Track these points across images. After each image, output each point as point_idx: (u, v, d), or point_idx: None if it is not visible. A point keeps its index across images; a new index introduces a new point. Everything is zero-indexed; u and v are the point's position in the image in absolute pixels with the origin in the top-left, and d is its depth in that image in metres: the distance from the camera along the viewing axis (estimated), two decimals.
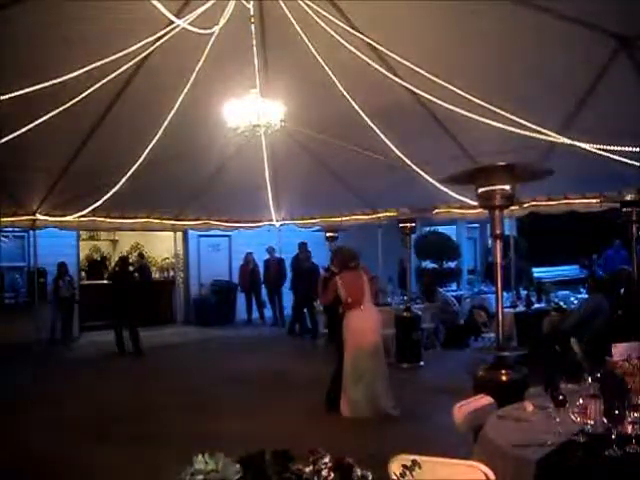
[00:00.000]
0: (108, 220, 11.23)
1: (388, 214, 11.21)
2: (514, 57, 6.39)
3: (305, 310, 12.70)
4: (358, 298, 6.71)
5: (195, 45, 6.21)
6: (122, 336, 10.92)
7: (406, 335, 9.48)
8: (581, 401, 2.66)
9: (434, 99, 6.42)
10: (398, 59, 6.14)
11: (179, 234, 14.26)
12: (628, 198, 8.16)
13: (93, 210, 10.28)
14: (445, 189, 8.99)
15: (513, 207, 7.84)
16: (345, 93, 6.91)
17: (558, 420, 2.73)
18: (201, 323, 14.89)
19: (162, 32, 5.85)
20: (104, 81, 6.30)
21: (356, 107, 7.17)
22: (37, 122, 6.74)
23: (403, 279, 13.89)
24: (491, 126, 6.26)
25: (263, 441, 1.95)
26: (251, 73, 6.35)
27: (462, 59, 6.50)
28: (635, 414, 2.48)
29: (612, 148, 6.46)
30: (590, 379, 2.72)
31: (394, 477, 2.33)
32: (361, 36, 6.07)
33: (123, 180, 8.88)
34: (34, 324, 11.09)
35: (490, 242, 13.92)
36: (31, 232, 11.10)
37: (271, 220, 12.79)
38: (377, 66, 6.27)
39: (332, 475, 1.77)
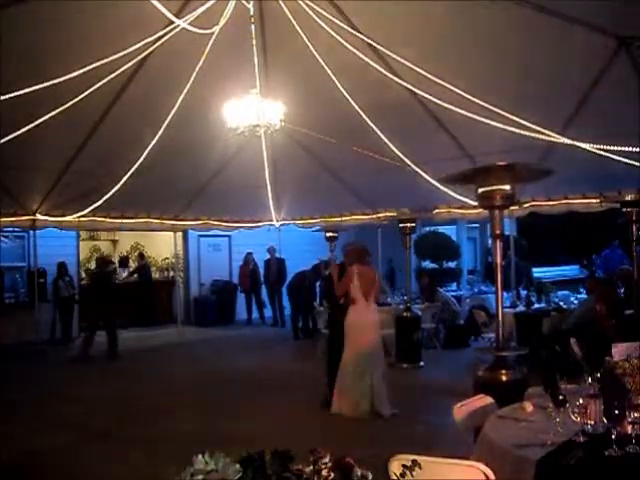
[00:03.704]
0: (108, 220, 11.22)
1: (388, 214, 11.19)
2: (514, 57, 6.38)
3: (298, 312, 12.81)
4: (367, 292, 6.78)
5: (195, 45, 6.20)
6: (116, 337, 10.83)
7: (406, 335, 9.48)
8: (581, 401, 2.66)
9: (434, 99, 6.41)
10: (398, 59, 6.13)
11: (179, 234, 14.25)
12: (628, 198, 8.16)
13: (93, 210, 10.27)
14: (445, 189, 8.98)
15: (513, 207, 7.84)
16: (345, 93, 6.91)
17: (558, 420, 2.74)
18: (201, 323, 14.90)
19: (162, 32, 5.84)
20: (104, 81, 6.29)
21: (356, 107, 7.16)
22: (37, 122, 6.73)
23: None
24: (491, 126, 6.26)
25: (263, 441, 1.95)
26: (251, 73, 6.35)
27: (462, 59, 6.50)
28: (635, 414, 2.48)
29: (612, 148, 6.46)
30: (590, 379, 2.73)
31: (394, 477, 2.33)
32: (361, 36, 6.07)
33: (123, 180, 8.88)
34: (34, 324, 11.09)
35: (490, 242, 13.91)
36: (31, 232, 11.10)
37: (271, 220, 12.78)
38: (377, 66, 6.26)
39: (332, 475, 1.77)
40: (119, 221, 11.51)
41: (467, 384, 5.16)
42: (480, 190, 4.99)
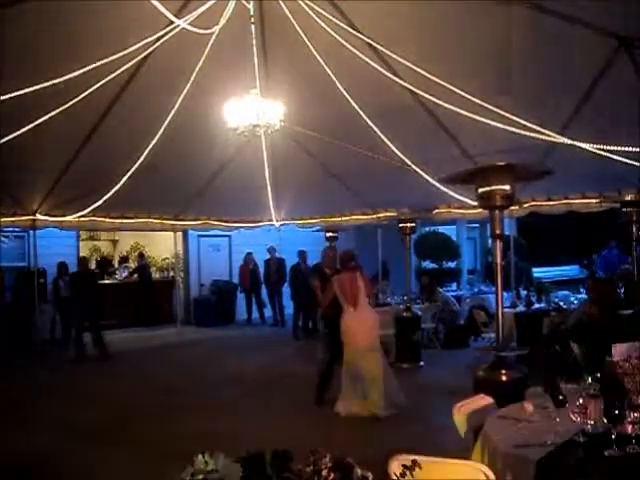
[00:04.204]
0: (108, 220, 11.22)
1: (388, 214, 11.20)
2: (514, 57, 6.38)
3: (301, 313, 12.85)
4: (353, 298, 6.77)
5: (195, 45, 6.21)
6: (102, 337, 10.76)
7: (406, 335, 9.48)
8: (581, 401, 2.66)
9: (434, 99, 6.41)
10: (398, 59, 6.13)
11: (179, 234, 14.27)
12: (628, 198, 8.17)
13: (93, 210, 10.28)
14: (445, 189, 8.99)
15: (513, 207, 7.85)
16: (345, 93, 6.91)
17: (558, 420, 2.74)
18: (201, 323, 14.89)
19: (162, 32, 5.84)
20: (104, 81, 6.29)
21: (356, 107, 7.16)
22: (37, 122, 6.73)
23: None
24: (491, 126, 6.25)
25: (263, 441, 1.95)
26: (251, 73, 6.35)
27: (462, 59, 6.49)
28: (635, 414, 2.48)
29: (612, 148, 6.46)
30: (590, 379, 2.73)
31: (394, 477, 2.33)
32: (361, 36, 6.07)
33: (123, 180, 8.88)
34: (34, 324, 11.08)
35: (490, 242, 13.90)
36: (31, 232, 11.09)
37: (271, 220, 12.78)
38: (377, 66, 6.26)
39: (332, 475, 1.77)
40: (119, 221, 11.51)
41: (467, 384, 5.17)
42: (480, 190, 5.00)
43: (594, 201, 9.21)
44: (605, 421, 2.60)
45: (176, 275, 15.13)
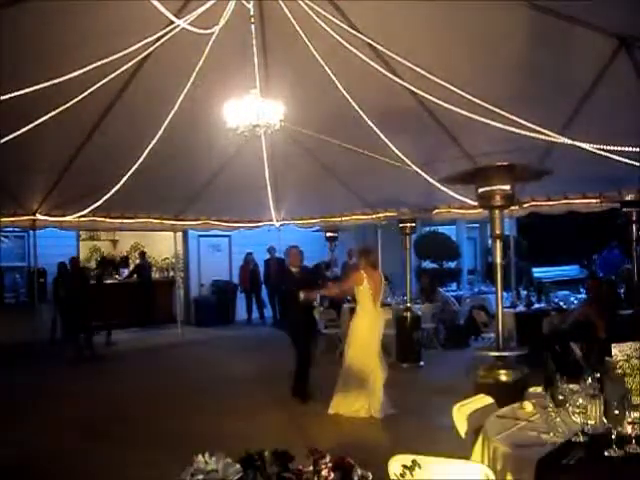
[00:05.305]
0: (108, 220, 11.22)
1: (388, 214, 11.20)
2: (514, 57, 6.38)
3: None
4: (376, 296, 6.91)
5: (195, 45, 6.20)
6: (91, 338, 10.78)
7: (406, 335, 9.49)
8: (581, 401, 2.66)
9: (434, 99, 6.41)
10: (398, 59, 6.13)
11: (179, 234, 14.26)
12: (628, 198, 8.17)
13: (93, 210, 10.27)
14: (445, 189, 8.98)
15: (513, 207, 7.85)
16: (345, 93, 6.90)
17: (558, 420, 2.74)
18: (201, 323, 14.90)
19: (162, 32, 5.84)
20: (104, 81, 6.29)
21: (356, 107, 7.16)
22: (37, 122, 6.73)
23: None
24: (491, 126, 6.25)
25: (263, 441, 1.95)
26: (251, 73, 6.34)
27: (462, 59, 6.50)
28: (635, 414, 2.48)
29: (612, 148, 6.45)
30: (590, 379, 2.72)
31: (394, 477, 2.34)
32: (361, 36, 6.06)
33: (123, 180, 8.87)
34: (34, 324, 11.08)
35: (490, 242, 13.90)
36: (31, 232, 11.09)
37: (271, 220, 12.78)
38: (377, 66, 6.26)
39: (332, 475, 1.77)
40: (119, 221, 11.51)
41: (467, 384, 5.17)
42: (480, 190, 5.00)
43: (594, 201, 9.20)
44: (605, 421, 2.59)
45: (176, 275, 15.13)
